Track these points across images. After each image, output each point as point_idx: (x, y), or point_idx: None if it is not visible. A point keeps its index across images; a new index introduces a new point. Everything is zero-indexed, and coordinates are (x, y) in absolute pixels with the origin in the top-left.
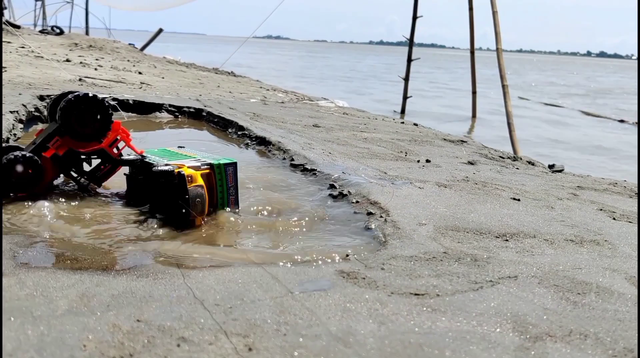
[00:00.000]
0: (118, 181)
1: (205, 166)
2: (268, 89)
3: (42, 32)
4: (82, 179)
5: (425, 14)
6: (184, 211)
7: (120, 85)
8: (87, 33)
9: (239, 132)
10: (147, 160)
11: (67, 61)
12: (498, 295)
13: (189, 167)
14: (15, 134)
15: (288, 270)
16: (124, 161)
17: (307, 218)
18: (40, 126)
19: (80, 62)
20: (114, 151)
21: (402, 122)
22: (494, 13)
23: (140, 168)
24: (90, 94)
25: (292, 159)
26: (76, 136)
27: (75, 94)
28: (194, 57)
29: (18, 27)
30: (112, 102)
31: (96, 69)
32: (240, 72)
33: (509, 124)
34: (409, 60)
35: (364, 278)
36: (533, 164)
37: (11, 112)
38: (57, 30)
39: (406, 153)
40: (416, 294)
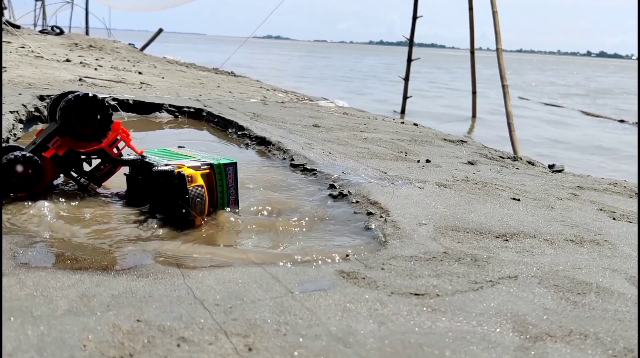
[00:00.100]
0: (118, 181)
1: (205, 166)
2: (268, 89)
3: (42, 32)
4: (82, 179)
5: (426, 14)
6: (184, 211)
7: (121, 85)
8: (87, 33)
9: (239, 133)
10: (147, 160)
11: (67, 61)
12: (498, 295)
13: (189, 167)
14: (15, 134)
15: (288, 270)
16: (124, 161)
17: (307, 218)
18: (40, 126)
19: (80, 62)
20: (114, 151)
21: (402, 123)
22: (494, 13)
23: (141, 168)
24: (90, 94)
25: (292, 159)
26: (76, 136)
27: (75, 94)
28: (194, 57)
29: (18, 27)
30: (112, 102)
31: (96, 69)
32: (240, 72)
33: (509, 124)
34: (409, 60)
35: (364, 278)
36: (533, 164)
37: (11, 112)
38: (57, 30)
39: (406, 153)
40: (416, 294)
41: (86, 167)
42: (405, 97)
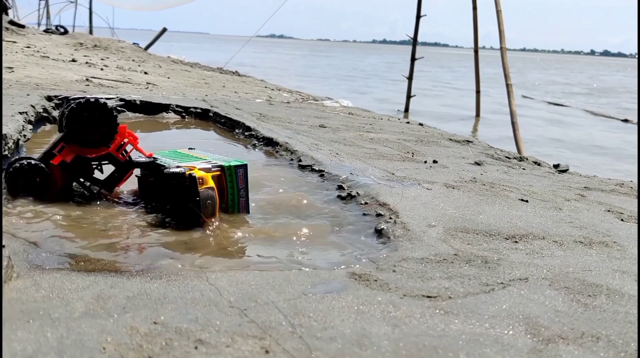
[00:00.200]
0: (128, 183)
1: (216, 168)
2: (273, 89)
3: (46, 31)
4: (94, 186)
5: (429, 13)
6: (194, 213)
7: (127, 85)
8: (90, 32)
9: (246, 133)
10: (158, 162)
11: (73, 60)
12: (509, 297)
13: (200, 169)
14: (25, 136)
15: (299, 272)
16: (134, 164)
17: (316, 220)
18: (48, 127)
19: (86, 62)
20: (121, 155)
21: (408, 122)
22: (498, 12)
23: (151, 170)
24: (92, 99)
25: (300, 160)
26: (83, 143)
27: (78, 100)
28: (198, 57)
29: (22, 26)
30: (119, 102)
31: (102, 69)
32: (243, 72)
33: (513, 124)
34: (413, 59)
35: (376, 281)
36: (539, 164)
37: (20, 113)
38: (62, 29)
39: (413, 153)
40: (428, 296)
41: (99, 175)
42: (408, 96)
